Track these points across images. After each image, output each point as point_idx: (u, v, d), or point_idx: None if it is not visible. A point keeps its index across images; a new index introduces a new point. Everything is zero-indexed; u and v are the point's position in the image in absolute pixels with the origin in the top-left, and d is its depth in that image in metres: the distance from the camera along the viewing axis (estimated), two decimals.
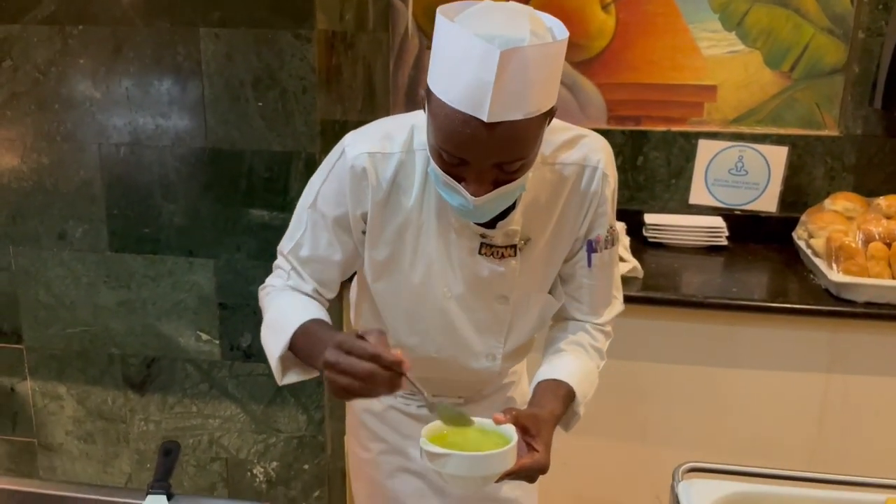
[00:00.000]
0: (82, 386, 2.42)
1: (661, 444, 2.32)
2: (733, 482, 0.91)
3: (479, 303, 1.27)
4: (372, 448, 1.48)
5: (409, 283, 1.25)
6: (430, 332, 1.30)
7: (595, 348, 1.34)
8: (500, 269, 1.23)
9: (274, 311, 1.25)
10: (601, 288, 1.34)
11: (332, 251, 1.25)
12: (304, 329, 1.17)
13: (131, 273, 2.29)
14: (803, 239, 2.44)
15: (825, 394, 2.22)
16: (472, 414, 1.43)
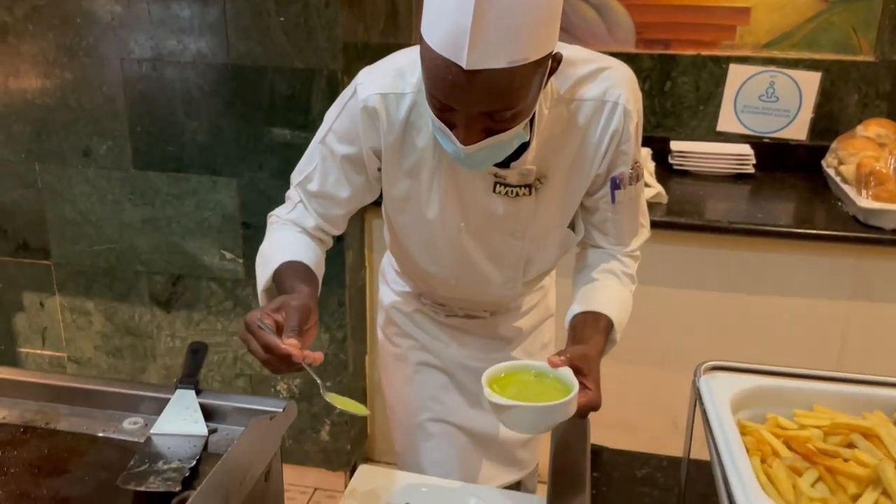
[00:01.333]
0: (109, 302, 2.47)
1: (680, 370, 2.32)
2: (755, 377, 0.91)
3: (494, 238, 1.27)
4: (401, 344, 1.52)
5: (425, 218, 1.25)
6: (448, 263, 1.31)
7: (627, 274, 1.31)
8: (514, 207, 1.21)
9: (269, 242, 1.27)
10: (627, 220, 1.31)
11: (340, 188, 1.25)
12: (280, 270, 1.20)
13: (155, 191, 2.30)
14: (832, 166, 2.40)
15: (847, 322, 2.21)
16: (496, 327, 1.48)
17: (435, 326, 1.49)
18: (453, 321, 1.47)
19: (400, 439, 1.55)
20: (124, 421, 1.19)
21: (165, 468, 1.05)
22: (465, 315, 1.46)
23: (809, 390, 0.90)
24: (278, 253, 1.22)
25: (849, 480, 0.75)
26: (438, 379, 1.48)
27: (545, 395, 1.01)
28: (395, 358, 1.53)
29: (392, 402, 1.56)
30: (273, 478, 1.15)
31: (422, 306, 1.49)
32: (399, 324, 1.52)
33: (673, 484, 1.12)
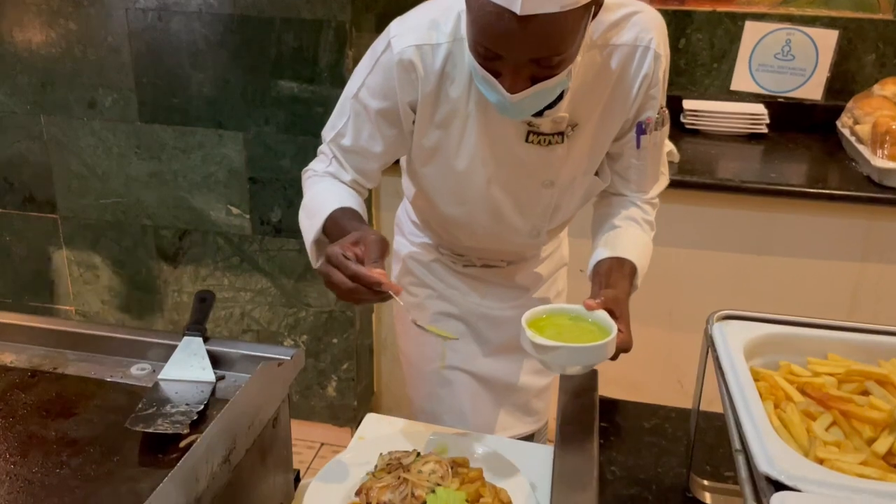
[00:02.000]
0: (117, 256, 2.47)
1: (687, 331, 2.33)
2: (768, 326, 0.90)
3: (524, 188, 1.27)
4: (418, 293, 1.53)
5: (454, 169, 1.25)
6: (475, 213, 1.31)
7: (647, 221, 1.34)
8: (546, 156, 1.22)
9: (311, 195, 1.27)
10: (650, 167, 1.32)
11: (373, 143, 1.25)
12: (333, 217, 1.20)
13: (161, 144, 2.28)
14: (847, 126, 2.36)
15: (858, 283, 2.19)
16: (514, 276, 1.48)
17: (453, 276, 1.49)
18: (471, 271, 1.48)
19: (415, 387, 1.56)
20: (132, 367, 1.19)
21: (173, 412, 1.05)
22: (483, 265, 1.47)
23: (823, 338, 0.89)
24: (327, 202, 1.22)
25: (864, 424, 0.74)
26: (455, 327, 1.49)
27: (583, 336, 1.04)
28: (411, 307, 1.53)
29: (407, 350, 1.57)
30: (281, 424, 1.15)
31: (440, 256, 1.50)
32: (416, 273, 1.53)
33: (681, 435, 1.12)
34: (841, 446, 0.72)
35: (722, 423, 0.86)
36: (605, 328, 1.05)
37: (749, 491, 0.68)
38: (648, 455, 1.08)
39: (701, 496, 0.99)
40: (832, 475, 0.66)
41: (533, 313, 1.08)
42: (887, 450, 0.71)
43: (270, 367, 1.11)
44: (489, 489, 1.04)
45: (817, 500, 0.63)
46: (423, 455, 1.09)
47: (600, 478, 0.99)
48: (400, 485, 1.02)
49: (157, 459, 0.98)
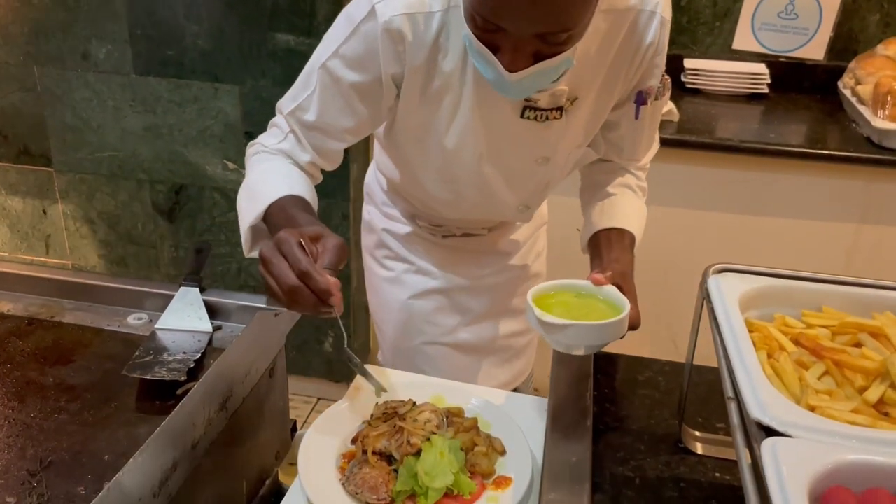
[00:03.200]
0: (112, 211, 2.46)
1: (683, 291, 2.33)
2: (764, 279, 0.90)
3: (517, 165, 1.21)
4: (394, 268, 1.47)
5: (443, 146, 1.16)
6: (463, 190, 1.24)
7: (641, 188, 1.30)
8: (543, 132, 1.14)
9: (256, 175, 1.14)
10: (645, 136, 1.26)
11: (342, 120, 1.12)
12: (280, 204, 1.06)
13: (157, 97, 2.26)
14: (849, 87, 2.34)
15: (853, 245, 2.20)
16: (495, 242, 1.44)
17: (431, 248, 1.43)
18: (451, 241, 1.42)
19: (394, 363, 1.50)
20: (129, 316, 1.20)
21: (170, 360, 1.05)
22: (462, 234, 1.42)
23: (818, 291, 0.89)
24: (276, 186, 1.08)
25: (856, 374, 0.75)
26: (435, 301, 1.44)
27: (591, 314, 0.99)
28: (387, 282, 1.47)
29: (384, 326, 1.51)
30: (277, 374, 1.16)
31: (416, 228, 1.43)
32: (392, 247, 1.46)
33: (674, 388, 1.13)
34: (832, 395, 0.73)
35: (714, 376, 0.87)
36: (615, 305, 1.00)
37: (740, 437, 0.69)
38: (641, 407, 1.09)
39: (692, 446, 1.00)
40: (823, 422, 0.67)
41: (539, 290, 1.03)
42: (878, 398, 0.72)
43: (267, 316, 1.12)
44: (483, 438, 1.05)
45: (807, 445, 0.64)
46: (419, 405, 1.10)
47: (593, 428, 1.00)
48: (395, 433, 1.03)
49: (155, 406, 0.99)
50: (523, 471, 1.00)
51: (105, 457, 0.89)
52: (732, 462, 0.98)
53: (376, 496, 0.96)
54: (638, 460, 0.99)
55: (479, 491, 0.98)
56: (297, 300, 0.88)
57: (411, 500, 0.96)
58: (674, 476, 0.96)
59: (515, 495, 0.97)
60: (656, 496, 0.93)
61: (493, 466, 1.02)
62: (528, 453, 1.03)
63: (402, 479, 0.97)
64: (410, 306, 1.45)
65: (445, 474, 0.96)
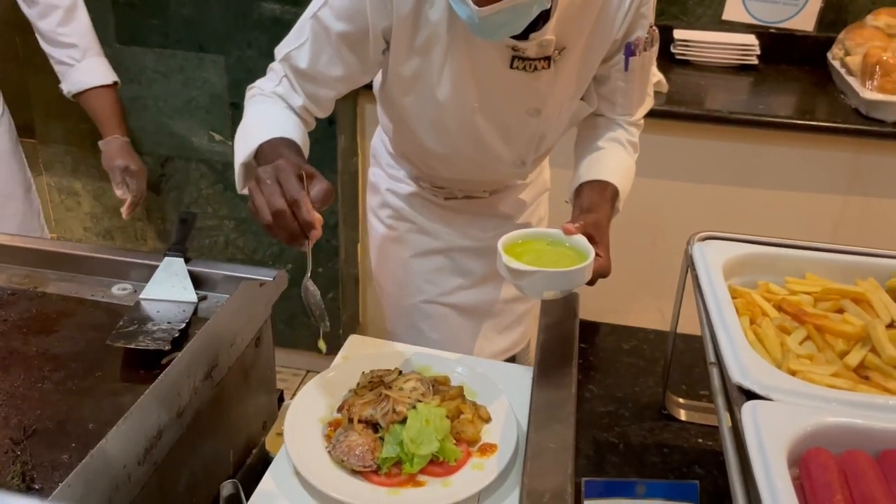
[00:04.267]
0: (97, 183, 2.43)
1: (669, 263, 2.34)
2: (748, 246, 0.91)
3: (509, 117, 1.22)
4: (397, 227, 1.49)
5: (435, 99, 1.18)
6: (458, 144, 1.25)
7: (631, 143, 1.31)
8: (532, 82, 1.16)
9: (252, 115, 1.18)
10: (637, 90, 1.27)
11: (332, 68, 1.16)
12: (272, 143, 1.10)
13: (141, 67, 2.23)
14: (838, 58, 2.33)
15: (840, 216, 2.21)
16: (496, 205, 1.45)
17: (433, 209, 1.45)
18: (453, 203, 1.45)
19: (394, 321, 1.54)
20: (113, 287, 1.19)
21: (155, 329, 1.05)
22: (464, 196, 1.44)
23: (802, 258, 0.90)
24: (269, 126, 1.13)
25: (837, 338, 0.75)
26: (435, 262, 1.46)
27: (561, 261, 1.02)
28: (390, 241, 1.50)
29: (386, 284, 1.55)
30: (264, 344, 1.15)
31: (420, 189, 1.45)
32: (395, 207, 1.48)
33: (658, 356, 1.14)
34: (813, 359, 0.73)
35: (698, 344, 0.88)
36: (582, 253, 1.03)
37: (721, 401, 0.69)
38: (626, 374, 1.10)
39: (676, 413, 1.02)
40: (803, 385, 0.67)
41: (510, 238, 1.06)
42: (859, 362, 0.72)
43: (252, 286, 1.11)
44: (469, 406, 1.06)
45: (787, 408, 0.65)
46: (405, 373, 1.10)
47: (578, 396, 1.01)
48: (381, 401, 1.04)
49: (140, 375, 0.99)
50: (508, 438, 1.01)
51: (89, 425, 0.89)
52: (715, 428, 0.99)
53: (362, 463, 0.97)
54: (622, 427, 1.00)
55: (464, 458, 0.99)
56: (280, 224, 0.91)
57: (397, 467, 0.97)
58: (657, 442, 0.97)
59: (500, 462, 0.97)
60: (640, 462, 0.94)
61: (479, 434, 1.03)
62: (513, 421, 1.04)
63: (388, 447, 0.98)
64: (411, 264, 1.48)
65: (431, 441, 0.97)
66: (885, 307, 0.81)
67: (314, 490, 0.94)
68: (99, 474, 0.75)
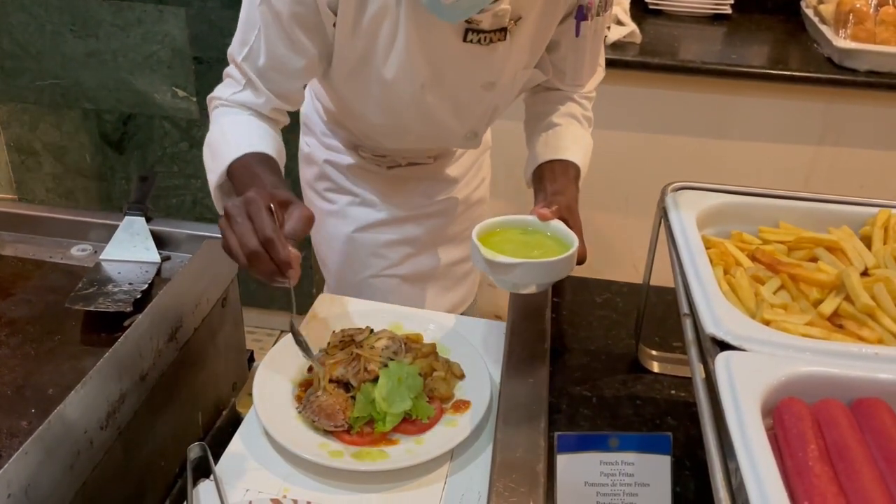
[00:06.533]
0: (58, 142, 2.36)
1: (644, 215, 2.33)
2: (722, 196, 0.89)
3: (462, 92, 1.16)
4: (337, 200, 1.41)
5: (382, 78, 1.10)
6: (407, 121, 1.19)
7: (586, 118, 1.26)
8: (487, 56, 1.09)
9: (217, 131, 1.10)
10: (588, 59, 1.22)
11: (292, 58, 1.07)
12: (243, 161, 1.04)
13: (98, 21, 2.15)
14: (812, 6, 2.31)
15: (813, 166, 2.21)
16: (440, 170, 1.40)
17: (375, 179, 1.38)
18: (396, 171, 1.38)
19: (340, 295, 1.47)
20: (72, 248, 1.15)
21: (115, 291, 1.02)
22: (407, 164, 1.37)
23: (775, 207, 0.89)
24: (234, 142, 1.05)
25: (811, 287, 0.74)
26: (381, 235, 1.39)
27: (539, 250, 0.97)
28: (330, 216, 1.41)
29: (328, 260, 1.46)
30: (230, 304, 1.13)
31: (360, 160, 1.37)
32: (334, 179, 1.40)
33: (632, 309, 1.13)
34: (787, 308, 0.72)
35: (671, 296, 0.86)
36: (562, 240, 0.98)
37: (695, 352, 0.68)
38: (599, 328, 1.09)
39: (649, 365, 1.01)
40: (777, 335, 0.66)
41: (483, 227, 0.99)
42: (832, 311, 0.72)
43: (216, 245, 1.07)
44: (442, 363, 1.05)
45: (761, 358, 0.64)
46: (377, 332, 1.08)
47: (551, 350, 1.00)
48: (352, 360, 1.02)
49: (101, 338, 0.96)
50: (482, 394, 1.00)
51: (49, 390, 0.86)
52: (688, 379, 0.99)
53: (333, 423, 0.95)
54: (595, 380, 0.99)
55: (437, 415, 0.98)
56: (254, 265, 0.86)
57: (369, 426, 0.96)
58: (630, 394, 0.97)
59: (474, 418, 0.96)
60: (613, 414, 0.94)
61: (452, 391, 1.02)
62: (486, 377, 1.03)
63: (360, 406, 0.96)
64: (355, 240, 1.40)
65: (403, 399, 0.95)
66: (859, 255, 0.80)
67: (284, 451, 0.92)
68: (59, 440, 0.73)
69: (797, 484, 0.55)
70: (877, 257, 0.80)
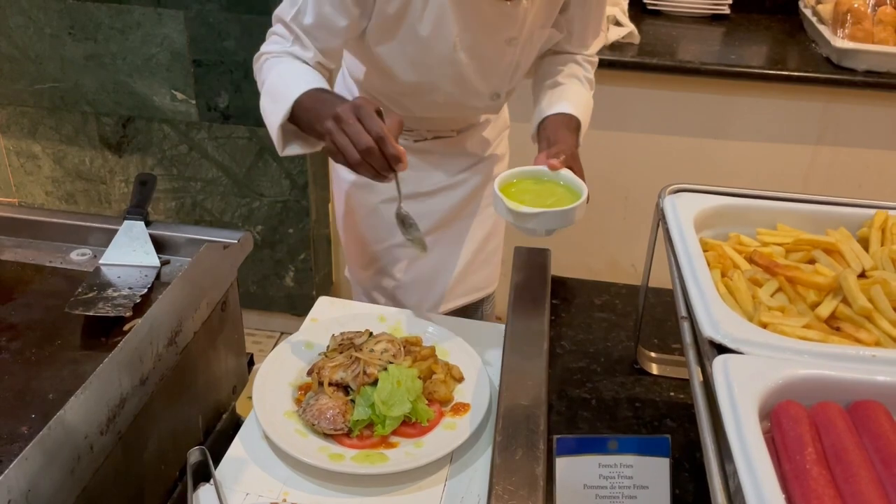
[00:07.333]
0: (57, 145, 2.36)
1: (642, 216, 2.34)
2: (719, 198, 0.89)
3: (488, 48, 1.24)
4: None
5: (418, 36, 1.19)
6: (437, 81, 1.26)
7: (588, 80, 1.35)
8: (511, 11, 1.19)
9: (275, 77, 1.17)
10: (594, 20, 1.32)
11: (337, 17, 1.16)
12: (308, 95, 1.10)
13: (97, 24, 2.15)
14: (810, 6, 2.31)
15: (811, 166, 2.21)
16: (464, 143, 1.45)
17: None
18: (421, 145, 1.44)
19: (359, 266, 1.52)
20: (72, 252, 1.15)
21: (115, 295, 1.02)
22: (433, 137, 1.44)
23: (773, 209, 0.89)
24: (296, 81, 1.12)
25: (808, 290, 0.75)
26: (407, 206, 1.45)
27: (557, 197, 1.05)
28: (357, 188, 1.48)
29: (354, 231, 1.53)
30: (230, 308, 1.13)
31: None
32: None
33: (630, 310, 1.13)
34: (785, 311, 0.72)
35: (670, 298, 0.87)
36: (573, 188, 1.06)
37: (693, 355, 0.69)
38: (598, 330, 1.09)
39: (647, 367, 1.01)
40: (774, 338, 0.66)
41: (502, 179, 1.08)
42: (830, 313, 0.72)
43: (215, 248, 1.08)
44: (441, 366, 1.05)
45: (758, 361, 0.64)
46: (376, 335, 1.08)
47: (550, 352, 1.00)
48: (352, 364, 1.02)
49: (101, 343, 0.96)
50: (481, 397, 1.00)
51: (49, 395, 0.86)
52: (687, 381, 0.99)
53: (333, 426, 0.95)
54: (594, 382, 0.99)
55: (436, 418, 0.98)
56: (369, 161, 0.96)
57: (369, 429, 0.96)
58: (629, 396, 0.97)
59: (473, 421, 0.97)
60: (612, 416, 0.94)
61: (451, 393, 1.02)
62: (485, 379, 1.03)
63: (360, 409, 0.96)
64: (381, 210, 1.46)
65: (402, 403, 0.96)
66: (857, 257, 0.80)
67: (284, 454, 0.93)
68: (59, 445, 0.73)
69: (794, 487, 0.55)
70: (874, 259, 0.81)
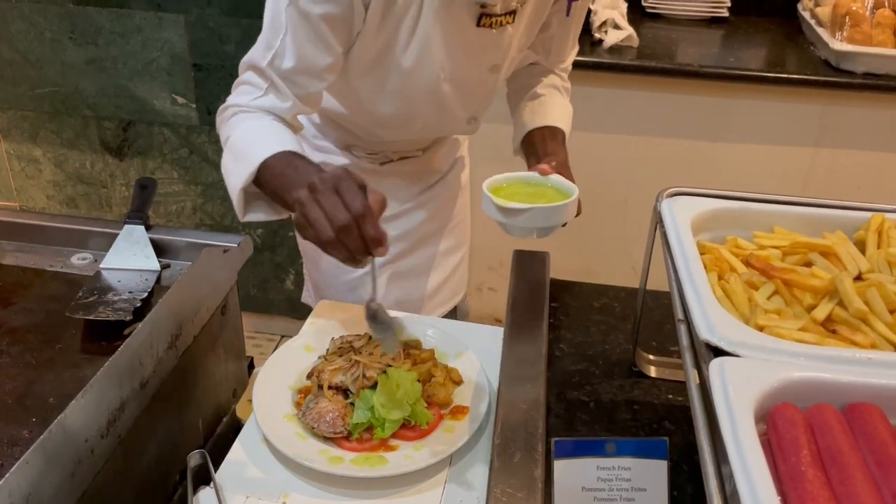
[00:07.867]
0: (58, 149, 2.37)
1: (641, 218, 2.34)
2: (717, 201, 0.90)
3: (471, 76, 1.20)
4: None
5: (400, 67, 1.13)
6: (418, 110, 1.22)
7: (565, 88, 1.35)
8: (496, 38, 1.15)
9: (241, 133, 1.07)
10: (572, 36, 1.30)
11: (319, 57, 1.06)
12: (278, 158, 1.00)
13: (97, 28, 2.15)
14: (808, 9, 2.32)
15: (810, 168, 2.21)
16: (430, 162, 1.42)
17: (368, 177, 1.33)
18: (388, 167, 1.39)
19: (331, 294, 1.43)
20: (72, 257, 1.16)
21: (116, 299, 1.02)
22: (399, 158, 1.39)
23: (770, 213, 0.89)
24: (263, 142, 1.02)
25: (805, 292, 0.75)
26: None
27: (543, 200, 1.04)
28: None
29: (320, 261, 1.44)
30: (230, 312, 1.13)
31: (353, 158, 1.38)
32: None
33: (629, 313, 1.14)
34: (781, 314, 0.73)
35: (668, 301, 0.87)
36: (563, 190, 1.06)
37: (689, 358, 0.69)
38: (597, 332, 1.10)
39: (646, 370, 1.01)
40: (771, 340, 0.67)
41: (491, 183, 1.06)
42: (826, 316, 0.72)
43: (215, 253, 1.09)
44: (441, 369, 1.05)
45: (755, 364, 0.64)
46: (375, 338, 1.09)
47: (549, 355, 1.01)
48: (351, 367, 1.03)
49: (101, 347, 0.96)
50: (480, 400, 1.00)
51: (50, 399, 0.87)
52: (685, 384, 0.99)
53: (333, 430, 0.96)
54: (592, 384, 1.00)
55: (436, 421, 0.99)
56: (344, 239, 0.84)
57: (368, 432, 0.96)
58: (627, 399, 0.97)
59: (472, 424, 0.97)
60: (610, 419, 0.94)
61: (451, 396, 1.02)
62: (484, 382, 1.03)
63: (359, 412, 0.97)
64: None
65: (402, 406, 0.96)
66: (853, 259, 0.80)
67: (284, 458, 0.93)
68: (59, 449, 0.74)
69: (790, 489, 0.55)
70: (870, 262, 0.81)
